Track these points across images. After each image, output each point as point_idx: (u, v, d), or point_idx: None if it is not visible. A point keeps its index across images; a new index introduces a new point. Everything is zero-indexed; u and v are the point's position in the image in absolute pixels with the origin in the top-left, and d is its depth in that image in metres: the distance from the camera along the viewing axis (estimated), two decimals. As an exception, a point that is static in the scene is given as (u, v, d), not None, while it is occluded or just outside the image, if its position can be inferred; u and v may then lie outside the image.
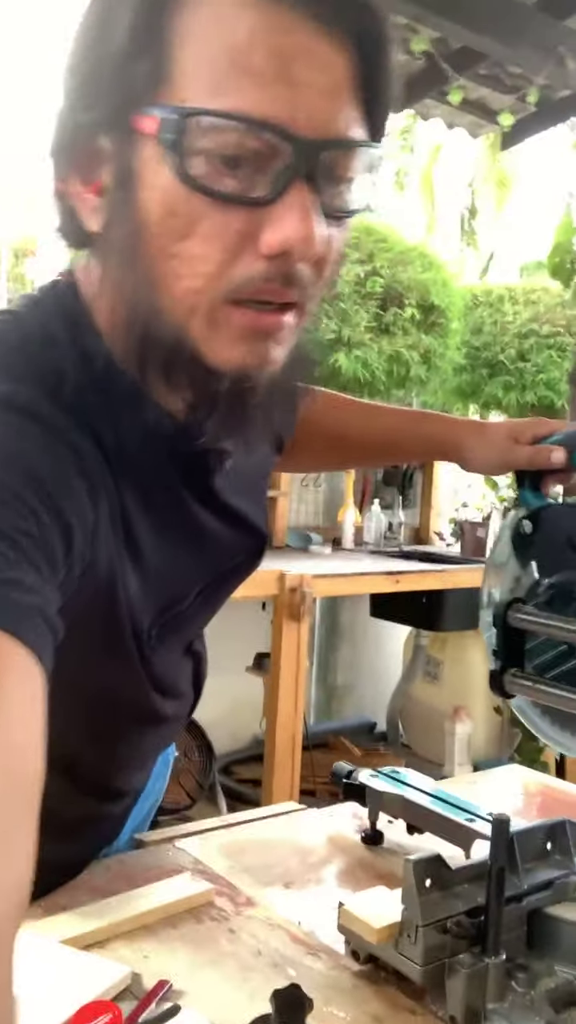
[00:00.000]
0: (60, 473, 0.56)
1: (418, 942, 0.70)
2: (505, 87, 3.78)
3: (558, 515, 0.85)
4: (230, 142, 0.51)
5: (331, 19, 0.52)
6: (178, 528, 0.72)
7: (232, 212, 0.53)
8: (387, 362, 4.81)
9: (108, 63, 0.53)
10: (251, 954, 0.79)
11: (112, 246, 0.57)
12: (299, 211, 0.52)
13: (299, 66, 0.51)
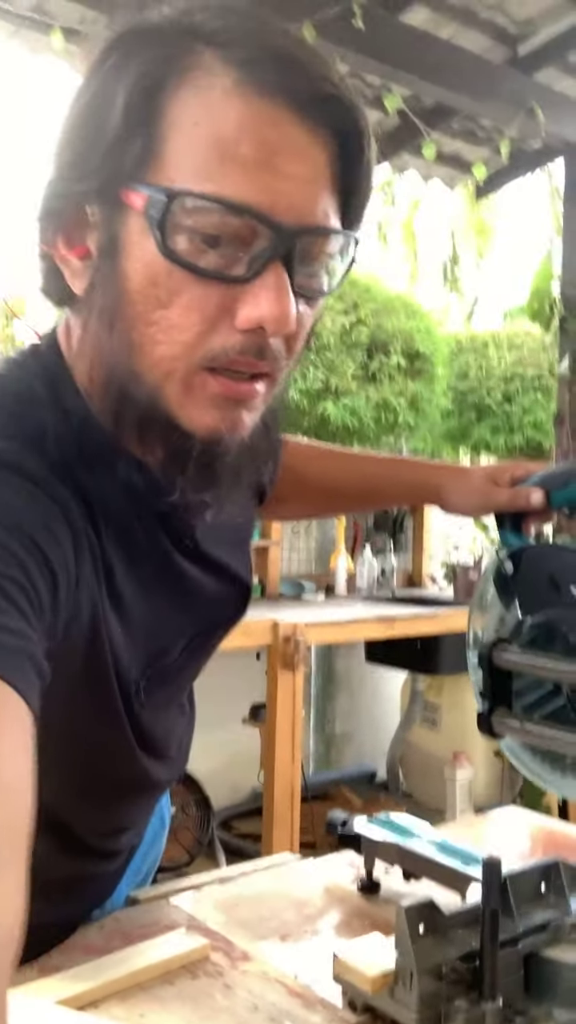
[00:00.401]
0: (45, 524, 0.57)
1: (413, 989, 0.69)
2: (478, 139, 3.88)
3: (539, 555, 0.87)
4: (213, 223, 0.55)
5: (314, 115, 0.56)
6: (161, 580, 0.73)
7: (212, 287, 0.57)
8: (375, 409, 4.87)
9: (102, 139, 0.56)
10: (247, 1009, 0.78)
11: (94, 308, 0.60)
12: (275, 291, 0.56)
13: (282, 157, 0.55)
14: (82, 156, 0.57)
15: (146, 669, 0.74)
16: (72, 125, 0.59)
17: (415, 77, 3.16)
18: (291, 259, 0.57)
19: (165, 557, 0.73)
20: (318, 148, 0.57)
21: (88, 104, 0.58)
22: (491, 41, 3.47)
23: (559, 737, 0.78)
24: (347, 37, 2.93)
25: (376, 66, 3.11)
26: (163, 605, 0.73)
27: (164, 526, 0.72)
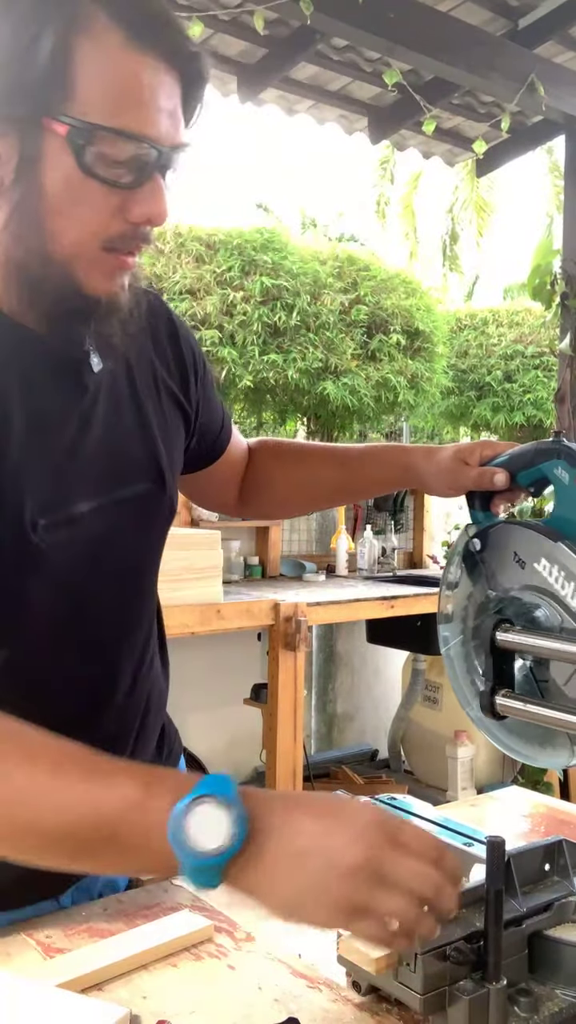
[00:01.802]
0: None
1: (418, 970, 0.69)
2: (478, 115, 3.84)
3: (504, 532, 0.88)
4: (117, 148, 0.73)
5: (177, 64, 0.75)
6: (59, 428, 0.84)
7: (112, 192, 0.75)
8: (375, 388, 4.85)
9: (23, 80, 0.71)
10: (252, 990, 0.78)
11: (14, 208, 0.75)
12: (157, 195, 0.77)
13: (159, 97, 0.74)
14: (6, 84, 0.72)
15: (48, 510, 0.82)
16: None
17: (414, 51, 3.12)
18: (166, 169, 0.77)
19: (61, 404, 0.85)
20: (177, 87, 0.76)
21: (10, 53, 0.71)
22: (491, 14, 3.42)
23: (563, 717, 0.78)
24: (345, 10, 2.89)
25: (374, 40, 3.07)
26: (60, 450, 0.84)
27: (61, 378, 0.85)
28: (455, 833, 0.93)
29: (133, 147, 0.73)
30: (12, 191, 0.74)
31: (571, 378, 3.77)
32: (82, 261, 0.77)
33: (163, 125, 0.74)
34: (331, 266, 4.65)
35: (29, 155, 0.73)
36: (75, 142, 0.72)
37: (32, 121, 0.72)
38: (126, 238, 0.77)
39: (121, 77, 0.72)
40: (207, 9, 3.03)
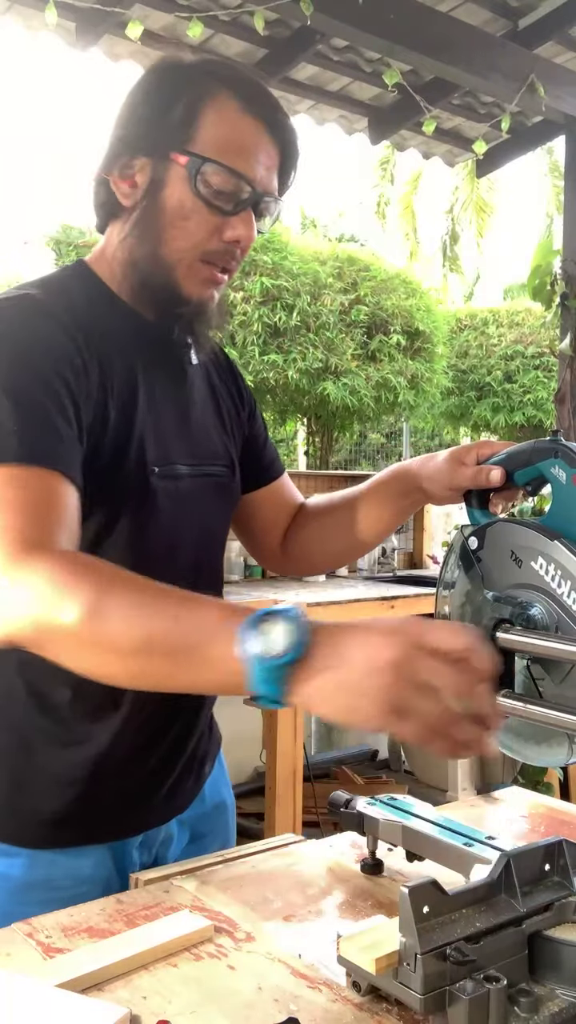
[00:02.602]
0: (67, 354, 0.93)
1: (418, 970, 0.69)
2: (478, 116, 3.84)
3: (501, 531, 0.88)
4: (222, 180, 0.95)
5: (275, 132, 0.98)
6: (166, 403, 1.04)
7: (214, 215, 0.96)
8: (375, 388, 4.85)
9: (163, 122, 0.96)
10: (252, 990, 0.78)
11: (138, 216, 0.98)
12: (247, 223, 0.98)
13: (260, 152, 0.97)
14: (145, 128, 0.96)
15: (159, 463, 1.01)
16: (136, 108, 0.98)
17: (414, 51, 3.12)
18: (257, 206, 0.98)
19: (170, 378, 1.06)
20: (275, 150, 0.99)
21: (147, 98, 0.97)
22: (491, 14, 3.42)
23: (564, 717, 0.78)
24: (345, 11, 2.90)
25: (374, 40, 3.07)
26: (168, 423, 1.04)
27: (169, 364, 1.06)
28: (455, 833, 0.93)
29: (233, 182, 0.95)
30: (140, 206, 0.97)
31: (571, 378, 3.77)
32: (183, 266, 0.97)
33: (259, 173, 0.96)
34: (331, 266, 4.65)
35: (157, 179, 0.96)
36: (191, 171, 0.94)
37: (163, 155, 0.95)
38: (219, 254, 0.98)
39: (233, 131, 0.95)
40: (207, 9, 3.03)
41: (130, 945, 0.83)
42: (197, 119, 0.94)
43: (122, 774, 1.05)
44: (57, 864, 1.02)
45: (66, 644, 0.77)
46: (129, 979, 0.79)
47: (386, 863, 1.03)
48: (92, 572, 0.79)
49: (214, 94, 0.95)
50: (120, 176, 0.98)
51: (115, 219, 1.01)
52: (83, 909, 0.93)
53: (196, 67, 0.98)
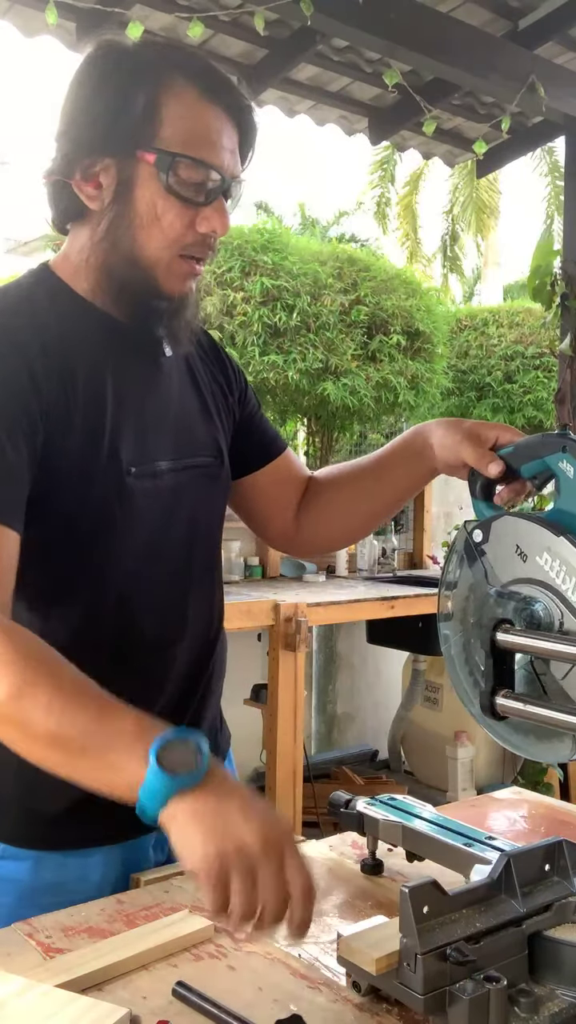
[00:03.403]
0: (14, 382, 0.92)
1: (418, 971, 0.69)
2: (478, 116, 3.84)
3: (507, 524, 0.87)
4: (193, 173, 0.94)
5: (235, 114, 0.97)
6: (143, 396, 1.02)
7: (188, 208, 0.95)
8: (375, 389, 4.84)
9: (122, 118, 0.93)
10: (252, 990, 0.78)
11: (107, 219, 0.95)
12: (221, 212, 0.97)
13: (223, 138, 0.96)
14: (104, 126, 0.93)
15: (137, 463, 1.00)
16: (89, 104, 0.94)
17: (415, 52, 3.12)
18: (227, 193, 0.98)
19: (142, 376, 1.04)
20: (235, 131, 0.98)
21: (99, 93, 0.94)
22: (491, 15, 3.42)
23: (564, 718, 0.78)
24: (346, 11, 2.89)
25: (375, 41, 3.07)
26: (144, 419, 1.02)
27: (141, 360, 1.04)
28: (455, 833, 0.93)
29: (203, 173, 0.94)
30: (110, 210, 0.95)
31: (571, 379, 3.77)
32: (162, 265, 0.97)
33: (226, 159, 0.96)
34: (331, 267, 4.65)
35: (125, 180, 0.94)
36: (161, 167, 0.93)
37: (128, 154, 0.93)
38: (196, 246, 0.97)
39: (195, 121, 0.94)
40: (207, 10, 3.03)
41: (130, 945, 0.83)
42: (159, 113, 0.92)
43: None
44: (66, 867, 1.00)
45: None
46: (129, 979, 0.79)
47: (386, 863, 1.03)
48: (23, 654, 0.82)
49: (171, 84, 0.93)
50: (83, 178, 0.95)
51: (79, 222, 0.99)
52: (83, 909, 0.93)
53: (145, 55, 0.95)
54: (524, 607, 0.84)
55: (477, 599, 0.88)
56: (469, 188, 12.70)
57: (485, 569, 0.88)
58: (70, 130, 0.95)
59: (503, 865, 0.78)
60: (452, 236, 13.41)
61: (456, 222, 13.30)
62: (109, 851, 1.02)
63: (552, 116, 3.60)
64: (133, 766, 0.75)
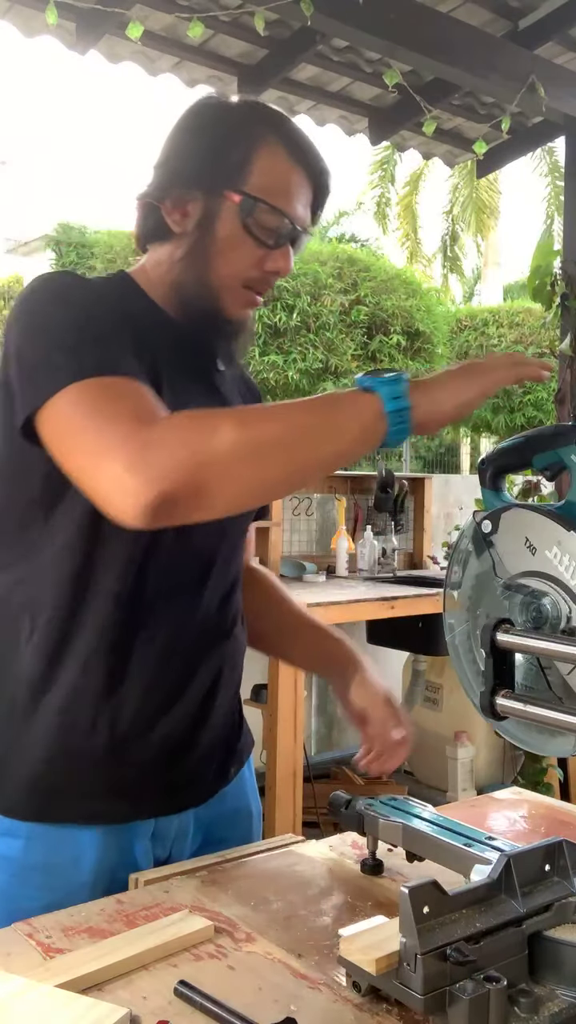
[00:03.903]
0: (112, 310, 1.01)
1: (418, 971, 0.69)
2: (479, 116, 3.84)
3: (517, 516, 0.86)
4: (269, 218, 1.05)
5: (314, 177, 1.09)
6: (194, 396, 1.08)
7: (259, 247, 1.06)
8: (375, 389, 4.85)
9: (219, 161, 1.05)
10: (252, 991, 0.78)
11: (188, 243, 1.07)
12: (286, 256, 1.09)
13: (300, 193, 1.08)
14: (201, 166, 1.05)
15: None
16: (190, 145, 1.07)
17: (415, 52, 3.12)
18: (295, 242, 1.10)
19: (200, 380, 1.13)
20: (310, 191, 1.09)
21: (200, 137, 1.07)
22: (491, 15, 3.42)
23: (564, 718, 0.78)
24: (346, 11, 2.89)
25: (375, 41, 3.07)
26: None
27: (199, 367, 1.13)
28: (455, 833, 0.93)
29: (278, 220, 1.05)
30: (191, 236, 1.06)
31: (571, 379, 3.77)
32: (227, 290, 1.07)
33: (299, 212, 1.08)
34: (331, 267, 4.65)
35: (210, 213, 1.05)
36: (243, 208, 1.04)
37: (217, 192, 1.05)
38: (259, 282, 1.09)
39: (279, 175, 1.06)
40: (207, 10, 3.03)
41: (130, 945, 0.83)
42: (250, 163, 1.05)
43: (119, 751, 1.04)
44: (58, 848, 1.01)
45: (225, 464, 0.85)
46: (129, 979, 0.79)
47: (386, 863, 1.03)
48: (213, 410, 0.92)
49: (266, 141, 1.06)
50: (173, 205, 1.06)
51: (160, 241, 1.10)
52: (83, 909, 0.93)
53: (247, 112, 1.10)
54: (531, 601, 0.83)
55: (484, 589, 0.88)
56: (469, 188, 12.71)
57: (493, 560, 0.88)
58: (169, 164, 1.08)
59: (503, 865, 0.78)
60: (452, 236, 13.41)
61: (456, 222, 13.30)
62: (103, 835, 1.03)
63: (552, 116, 3.60)
64: (361, 397, 0.88)
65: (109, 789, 1.04)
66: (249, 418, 0.88)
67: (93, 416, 0.88)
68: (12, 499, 1.03)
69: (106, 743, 1.02)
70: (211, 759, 1.13)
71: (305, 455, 0.88)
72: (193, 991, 0.75)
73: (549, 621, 0.83)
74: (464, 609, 0.91)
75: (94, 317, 0.97)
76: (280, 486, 0.92)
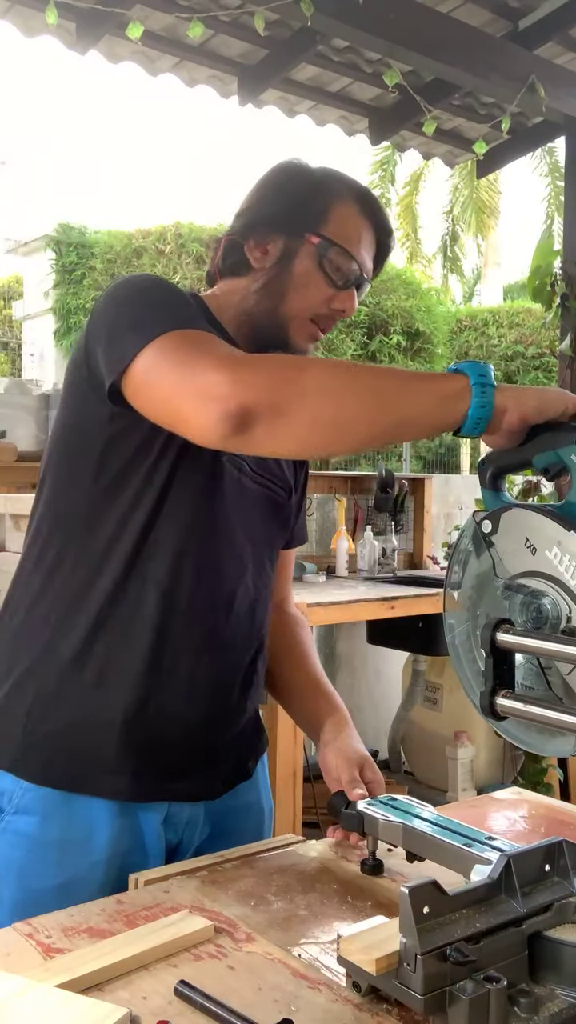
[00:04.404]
0: None
1: (418, 971, 0.69)
2: (479, 116, 3.84)
3: (517, 516, 0.86)
4: (342, 262, 1.17)
5: (379, 233, 1.22)
6: None
7: (329, 287, 1.18)
8: (375, 389, 4.86)
9: (302, 209, 1.18)
10: (252, 991, 0.78)
11: (268, 277, 1.18)
12: (351, 298, 1.20)
13: (366, 246, 1.20)
14: (287, 212, 1.18)
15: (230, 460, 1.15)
16: (277, 194, 1.20)
17: (415, 52, 3.12)
18: (360, 285, 1.21)
19: None
20: (374, 245, 1.22)
21: (285, 189, 1.20)
22: (491, 15, 3.42)
23: (564, 718, 0.78)
24: (346, 11, 2.90)
25: (375, 41, 3.07)
26: None
27: None
28: (455, 833, 0.93)
29: (348, 263, 1.17)
30: (270, 271, 1.18)
31: (571, 379, 3.77)
32: (296, 322, 1.18)
33: (365, 259, 1.20)
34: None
35: (289, 252, 1.17)
36: (321, 249, 1.17)
37: (298, 235, 1.17)
38: (325, 318, 1.20)
39: (351, 227, 1.19)
40: (208, 10, 3.03)
41: (130, 945, 0.83)
42: (329, 213, 1.18)
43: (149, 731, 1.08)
44: (73, 826, 1.05)
45: (306, 394, 0.90)
46: (129, 979, 0.79)
47: (386, 863, 1.03)
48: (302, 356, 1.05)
49: (342, 197, 1.20)
50: (255, 243, 1.19)
51: (235, 275, 1.21)
52: (83, 909, 0.93)
53: (327, 173, 1.24)
54: (531, 601, 0.83)
55: (484, 590, 0.88)
56: (469, 188, 12.70)
57: (493, 560, 0.87)
58: (255, 208, 1.21)
59: (503, 865, 0.78)
60: (452, 236, 13.41)
61: (456, 222, 13.30)
62: (119, 814, 1.07)
63: (552, 116, 3.60)
64: (450, 375, 0.90)
65: (134, 768, 1.08)
66: (337, 367, 0.97)
67: (185, 351, 0.95)
68: (72, 481, 1.10)
69: (137, 722, 1.07)
70: (235, 752, 1.20)
71: (381, 409, 0.91)
72: (193, 991, 0.75)
73: (549, 621, 0.83)
74: (464, 609, 0.91)
75: (175, 294, 1.08)
76: (351, 435, 0.93)
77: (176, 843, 1.13)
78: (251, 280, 1.19)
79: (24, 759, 1.07)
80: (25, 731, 1.07)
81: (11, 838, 1.06)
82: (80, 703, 1.07)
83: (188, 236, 4.19)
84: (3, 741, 1.08)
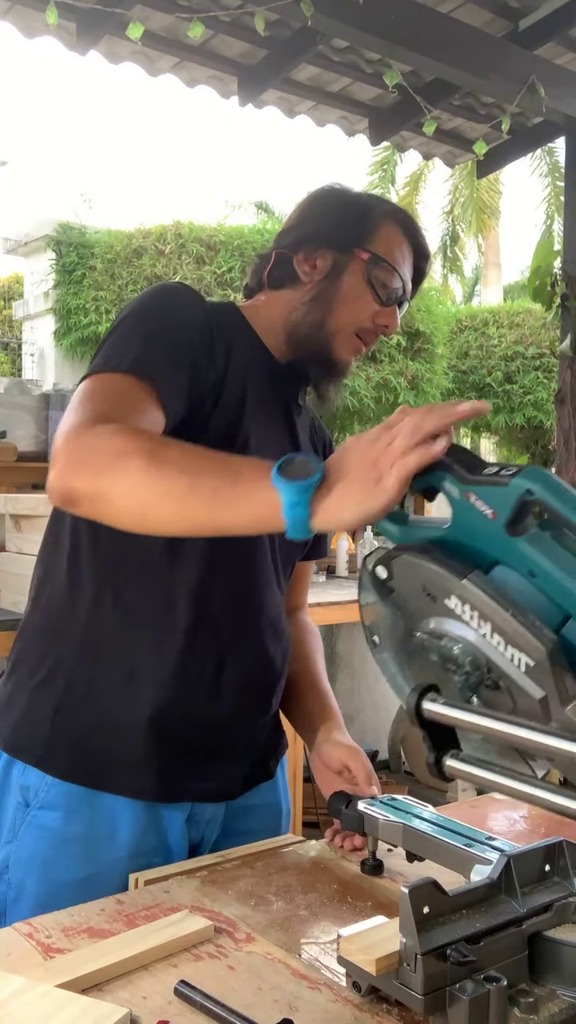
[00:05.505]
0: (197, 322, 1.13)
1: (418, 971, 0.69)
2: (479, 116, 3.84)
3: (407, 565, 0.81)
4: (388, 277, 1.21)
5: (417, 255, 1.26)
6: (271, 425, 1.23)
7: (374, 302, 1.20)
8: (375, 389, 4.85)
9: (351, 226, 1.21)
10: (252, 990, 0.78)
11: (317, 290, 1.21)
12: (394, 315, 1.23)
13: (408, 263, 1.24)
14: (337, 228, 1.21)
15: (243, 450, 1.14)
16: (326, 212, 1.24)
17: (415, 52, 3.12)
18: (402, 302, 1.24)
19: (280, 410, 1.26)
20: (411, 267, 1.25)
21: (334, 208, 1.24)
22: (492, 15, 3.42)
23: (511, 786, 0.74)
24: (346, 12, 2.89)
25: (375, 41, 3.07)
26: (269, 433, 1.21)
27: (280, 401, 1.26)
28: (455, 833, 0.93)
29: (394, 281, 1.21)
30: (318, 284, 1.21)
31: (571, 379, 3.77)
32: (342, 335, 1.21)
33: (407, 277, 1.24)
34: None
35: (338, 265, 1.21)
36: (370, 263, 1.20)
37: (347, 250, 1.20)
38: (368, 332, 1.23)
39: (396, 245, 1.22)
40: (207, 10, 3.03)
41: (130, 945, 0.83)
42: (376, 231, 1.22)
43: (176, 730, 1.10)
44: (97, 824, 1.07)
45: (123, 487, 0.89)
46: (129, 979, 0.79)
47: (386, 863, 1.03)
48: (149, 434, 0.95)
49: (386, 217, 1.24)
50: (304, 257, 1.22)
51: (282, 287, 1.24)
52: (83, 909, 0.93)
53: (372, 196, 1.32)
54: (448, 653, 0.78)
55: (398, 635, 0.83)
56: (469, 188, 12.70)
57: (399, 606, 0.82)
58: (304, 224, 1.25)
59: (503, 865, 0.78)
60: (452, 236, 13.40)
61: (456, 222, 13.29)
62: (143, 813, 1.08)
63: (552, 116, 3.60)
64: (267, 491, 0.82)
65: (159, 768, 1.09)
66: (164, 457, 0.89)
67: (81, 403, 0.98)
68: None
69: (163, 722, 1.08)
70: (259, 752, 1.21)
71: (191, 518, 0.88)
72: (193, 991, 0.75)
73: (470, 676, 0.77)
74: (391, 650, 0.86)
75: (169, 331, 1.08)
76: (167, 526, 0.92)
77: (198, 841, 1.15)
78: (299, 292, 1.22)
79: (50, 755, 1.08)
80: (52, 727, 1.09)
81: (36, 832, 1.07)
82: (108, 702, 1.09)
83: (188, 236, 4.18)
84: (30, 737, 1.09)
